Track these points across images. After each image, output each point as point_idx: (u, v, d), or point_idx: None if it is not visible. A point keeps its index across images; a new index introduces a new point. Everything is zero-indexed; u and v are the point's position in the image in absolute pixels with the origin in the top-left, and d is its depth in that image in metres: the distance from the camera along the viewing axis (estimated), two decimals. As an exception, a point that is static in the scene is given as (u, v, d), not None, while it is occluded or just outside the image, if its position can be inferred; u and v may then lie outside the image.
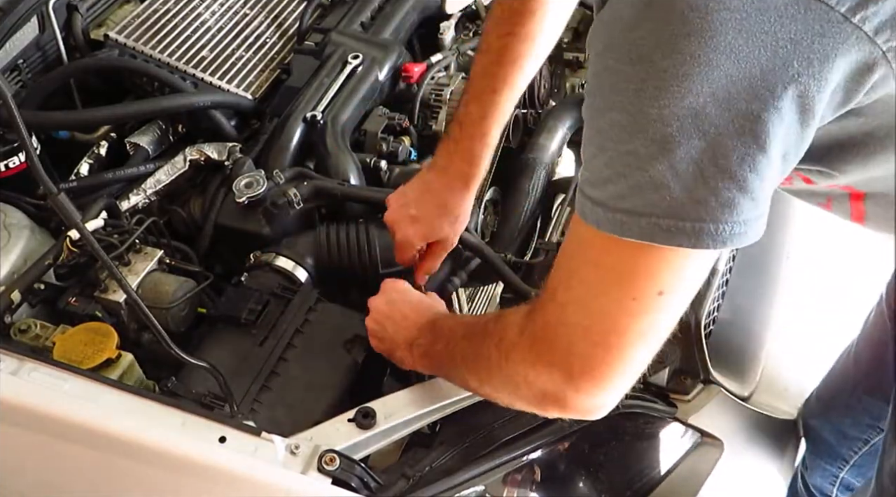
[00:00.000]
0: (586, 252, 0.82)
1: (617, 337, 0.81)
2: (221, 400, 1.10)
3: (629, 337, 0.81)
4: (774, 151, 0.71)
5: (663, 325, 0.82)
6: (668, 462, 1.20)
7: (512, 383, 0.92)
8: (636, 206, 0.74)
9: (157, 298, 1.24)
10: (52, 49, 1.60)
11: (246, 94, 1.60)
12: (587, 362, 0.83)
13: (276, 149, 1.49)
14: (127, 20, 1.65)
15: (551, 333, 0.85)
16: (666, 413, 1.22)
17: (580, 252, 0.83)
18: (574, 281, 0.83)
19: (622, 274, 0.79)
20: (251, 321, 1.23)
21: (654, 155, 0.71)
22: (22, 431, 1.05)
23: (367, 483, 0.99)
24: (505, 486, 1.14)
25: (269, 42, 1.72)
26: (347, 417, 1.07)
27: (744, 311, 1.50)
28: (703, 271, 0.80)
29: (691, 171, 0.71)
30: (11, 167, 1.37)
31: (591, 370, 0.83)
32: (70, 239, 1.21)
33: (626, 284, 0.79)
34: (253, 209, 1.36)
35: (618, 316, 0.80)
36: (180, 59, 1.61)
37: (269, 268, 1.33)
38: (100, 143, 1.52)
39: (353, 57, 1.62)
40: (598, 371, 0.83)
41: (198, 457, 0.99)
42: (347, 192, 1.39)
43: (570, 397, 0.85)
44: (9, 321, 1.18)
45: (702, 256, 0.77)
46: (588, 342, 0.82)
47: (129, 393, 1.05)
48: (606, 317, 0.81)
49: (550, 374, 0.86)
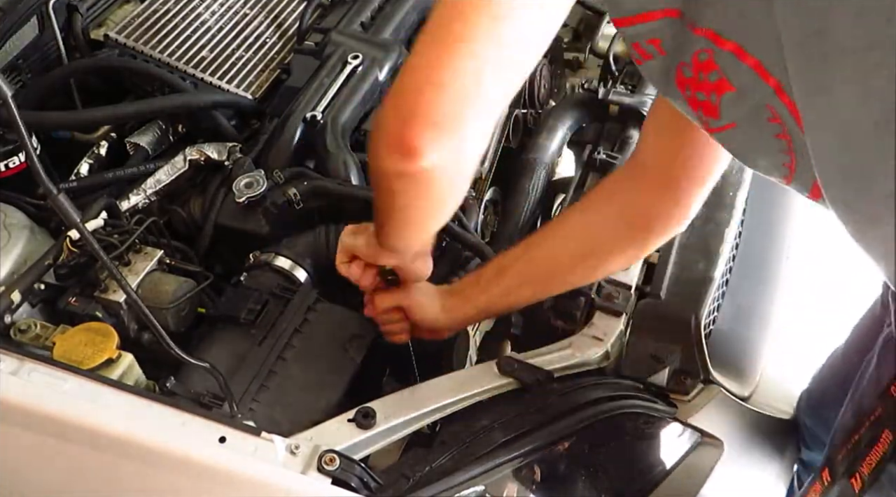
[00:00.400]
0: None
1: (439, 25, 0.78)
2: (220, 399, 1.10)
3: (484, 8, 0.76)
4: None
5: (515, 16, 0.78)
6: (668, 462, 1.20)
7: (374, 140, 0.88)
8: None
9: (157, 298, 1.24)
10: (52, 49, 1.60)
11: (246, 94, 1.60)
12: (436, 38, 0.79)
13: (276, 149, 1.49)
14: (127, 20, 1.65)
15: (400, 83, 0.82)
16: (666, 413, 1.22)
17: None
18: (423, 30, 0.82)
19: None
20: (250, 321, 1.23)
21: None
22: (22, 431, 1.05)
23: (367, 483, 0.99)
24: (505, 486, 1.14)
25: (269, 42, 1.73)
26: (347, 417, 1.07)
27: (744, 311, 1.50)
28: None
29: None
30: (11, 167, 1.38)
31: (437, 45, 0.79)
32: (70, 239, 1.22)
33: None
34: (253, 209, 1.36)
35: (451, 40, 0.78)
36: (180, 59, 1.61)
37: (268, 268, 1.33)
38: (100, 143, 1.53)
39: (353, 57, 1.62)
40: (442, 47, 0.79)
41: (198, 457, 0.99)
42: (347, 192, 1.39)
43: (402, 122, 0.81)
44: (9, 321, 1.18)
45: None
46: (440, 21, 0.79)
47: (129, 393, 1.05)
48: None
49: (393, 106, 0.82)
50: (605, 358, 1.24)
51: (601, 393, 1.18)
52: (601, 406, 1.15)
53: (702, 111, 0.94)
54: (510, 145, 1.72)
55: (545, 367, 1.18)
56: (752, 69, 0.86)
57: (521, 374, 1.16)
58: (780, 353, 1.63)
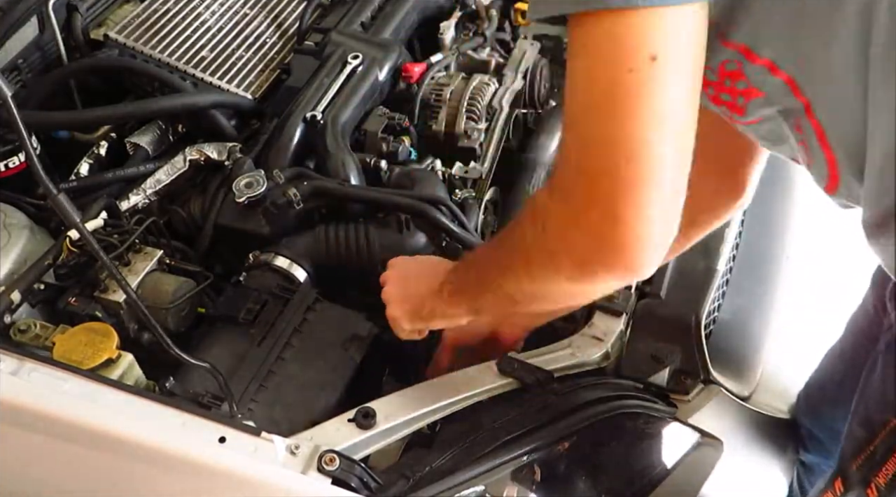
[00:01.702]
0: (574, 69, 0.76)
1: (630, 124, 0.74)
2: (220, 400, 1.10)
3: (642, 121, 0.73)
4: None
5: (673, 102, 0.75)
6: (668, 462, 1.20)
7: (552, 257, 0.85)
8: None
9: (157, 298, 1.24)
10: (52, 49, 1.60)
11: (246, 94, 1.60)
12: (616, 178, 0.74)
13: (276, 149, 1.49)
14: (127, 20, 1.65)
15: (572, 174, 0.78)
16: (666, 413, 1.22)
17: (570, 81, 0.77)
18: (571, 113, 0.78)
19: (607, 53, 0.73)
20: (249, 321, 1.23)
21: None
22: (22, 431, 1.05)
23: (367, 483, 0.99)
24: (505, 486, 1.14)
25: (269, 42, 1.73)
26: (347, 417, 1.07)
27: (744, 311, 1.50)
28: (691, 30, 0.75)
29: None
30: (11, 167, 1.38)
31: (625, 186, 0.75)
32: (70, 239, 1.22)
33: (616, 59, 0.73)
34: (253, 209, 1.36)
35: (621, 98, 0.74)
36: (180, 59, 1.61)
37: (267, 267, 1.33)
38: (100, 143, 1.53)
39: (353, 57, 1.62)
40: (630, 187, 0.74)
41: (198, 457, 0.99)
42: (347, 192, 1.39)
43: (613, 239, 0.77)
44: (9, 321, 1.18)
45: (681, 12, 0.73)
46: (606, 157, 0.75)
47: (129, 393, 1.05)
48: (610, 109, 0.74)
49: (588, 220, 0.78)
50: (605, 358, 1.24)
51: (601, 393, 1.17)
52: (601, 406, 1.15)
53: (726, 108, 0.95)
54: (510, 145, 1.72)
55: (545, 367, 1.18)
56: (784, 83, 0.88)
57: (521, 374, 1.16)
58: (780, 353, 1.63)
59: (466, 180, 1.56)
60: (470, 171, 1.56)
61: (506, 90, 1.70)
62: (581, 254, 0.81)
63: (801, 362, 1.71)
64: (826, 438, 1.57)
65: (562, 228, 0.82)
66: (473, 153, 1.61)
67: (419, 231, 1.38)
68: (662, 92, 0.74)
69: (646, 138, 0.74)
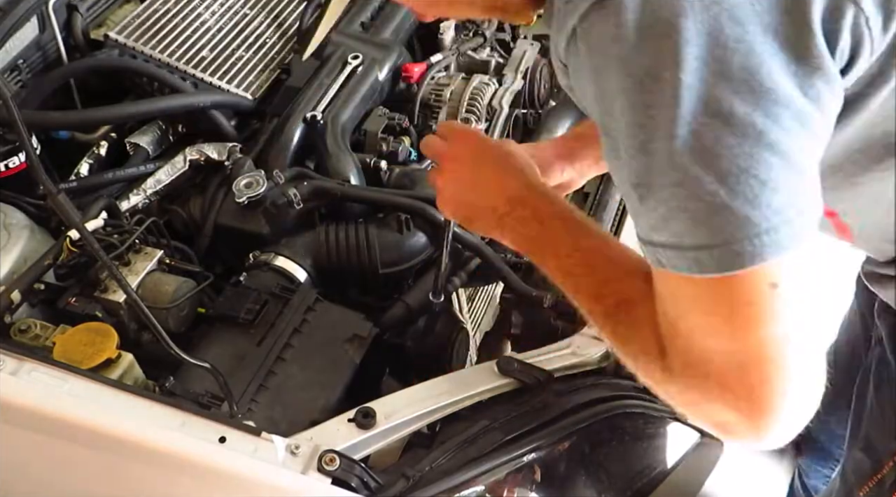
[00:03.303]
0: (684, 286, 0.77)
1: (758, 350, 0.75)
2: (220, 399, 1.10)
3: (768, 346, 0.75)
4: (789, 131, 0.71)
5: (794, 316, 0.76)
6: (668, 462, 1.20)
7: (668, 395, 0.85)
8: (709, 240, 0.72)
9: (157, 298, 1.24)
10: (52, 49, 1.60)
11: (246, 95, 1.60)
12: (748, 391, 0.77)
13: (276, 149, 1.49)
14: (127, 20, 1.65)
15: (698, 368, 0.79)
16: (666, 413, 1.22)
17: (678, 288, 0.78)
18: (687, 311, 0.78)
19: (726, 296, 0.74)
20: (249, 321, 1.23)
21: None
22: (22, 431, 1.05)
23: (367, 483, 0.99)
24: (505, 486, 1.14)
25: (269, 42, 1.72)
26: (347, 417, 1.06)
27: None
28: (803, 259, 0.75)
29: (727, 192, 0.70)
30: (11, 167, 1.37)
31: (756, 399, 0.76)
32: (70, 239, 1.21)
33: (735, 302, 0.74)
34: (253, 209, 1.36)
35: (747, 331, 0.75)
36: (180, 59, 1.61)
37: (268, 267, 1.33)
38: (100, 143, 1.52)
39: (353, 57, 1.62)
40: (763, 398, 0.76)
41: (198, 457, 0.99)
42: (347, 192, 1.39)
43: (747, 432, 0.79)
44: (9, 321, 1.18)
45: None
46: (736, 369, 0.76)
47: (129, 393, 1.05)
48: (738, 336, 0.75)
49: (721, 412, 0.79)
50: (605, 358, 1.24)
51: (601, 393, 1.17)
52: (601, 406, 1.15)
53: None
54: (510, 145, 1.71)
55: (545, 367, 1.18)
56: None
57: (521, 374, 1.16)
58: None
59: (466, 180, 1.55)
60: (470, 171, 1.56)
61: (506, 90, 1.70)
62: (714, 421, 0.82)
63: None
64: (825, 440, 1.57)
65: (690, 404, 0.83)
66: (473, 153, 1.60)
67: (419, 231, 1.38)
68: (782, 314, 0.75)
69: (779, 363, 0.76)
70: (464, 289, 1.46)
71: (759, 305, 0.74)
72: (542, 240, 0.96)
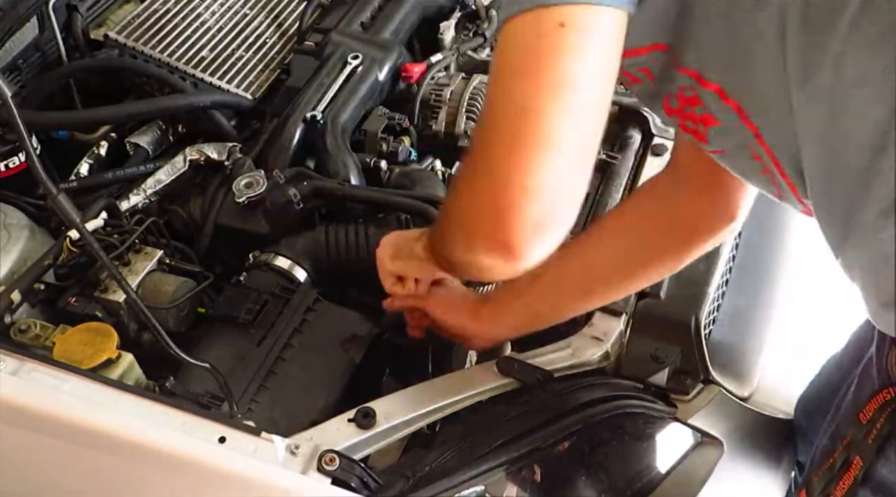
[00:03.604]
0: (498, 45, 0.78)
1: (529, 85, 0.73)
2: (219, 399, 1.10)
3: (539, 84, 0.73)
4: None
5: (575, 72, 0.73)
6: (668, 462, 1.20)
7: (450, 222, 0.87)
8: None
9: (157, 298, 1.24)
10: (52, 49, 1.60)
11: (246, 94, 1.60)
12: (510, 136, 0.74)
13: (276, 149, 1.49)
14: (127, 20, 1.65)
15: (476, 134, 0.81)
16: (666, 413, 1.22)
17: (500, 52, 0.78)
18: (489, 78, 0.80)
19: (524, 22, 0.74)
20: (249, 321, 1.23)
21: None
22: (22, 431, 1.05)
23: (367, 483, 0.99)
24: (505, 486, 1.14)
25: (269, 42, 1.73)
26: (347, 417, 1.07)
27: (744, 311, 1.50)
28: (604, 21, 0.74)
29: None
30: (11, 167, 1.38)
31: (516, 145, 0.74)
32: (70, 239, 1.21)
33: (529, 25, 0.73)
34: (253, 209, 1.36)
35: (527, 60, 0.74)
36: (180, 59, 1.61)
37: (268, 267, 1.33)
38: (100, 143, 1.53)
39: (353, 57, 1.62)
40: (520, 147, 0.74)
41: (198, 457, 0.99)
42: (347, 192, 1.39)
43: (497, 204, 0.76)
44: (9, 321, 1.18)
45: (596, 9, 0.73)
46: (503, 115, 0.75)
47: (129, 393, 1.05)
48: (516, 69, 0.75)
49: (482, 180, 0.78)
50: (605, 358, 1.24)
51: (601, 393, 1.18)
52: (601, 406, 1.15)
53: (693, 137, 0.96)
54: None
55: (545, 367, 1.18)
56: (733, 110, 0.88)
57: (521, 374, 1.16)
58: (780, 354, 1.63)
59: (466, 180, 1.55)
60: (470, 171, 1.56)
61: (506, 90, 1.70)
62: (470, 221, 0.81)
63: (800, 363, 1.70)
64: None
65: (461, 190, 0.82)
66: (473, 153, 1.60)
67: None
68: (566, 59, 0.73)
69: (542, 101, 0.73)
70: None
71: (546, 38, 0.72)
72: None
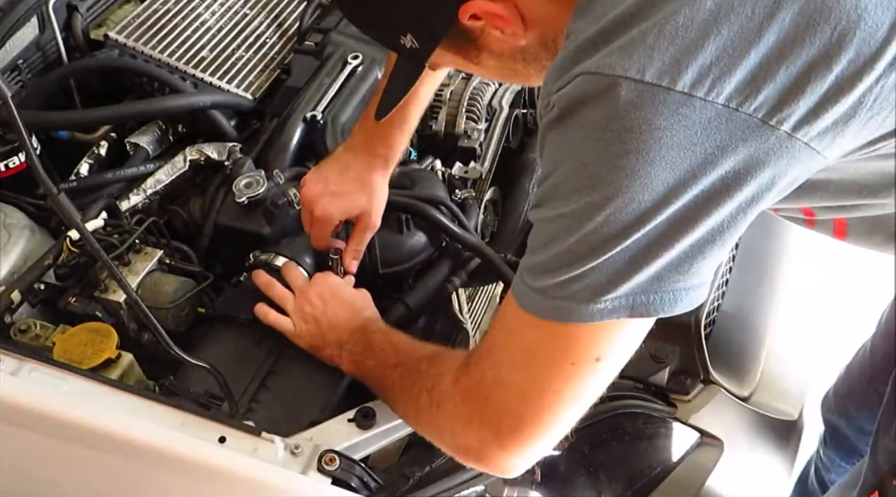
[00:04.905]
0: (524, 326, 0.85)
1: (551, 398, 0.85)
2: (219, 399, 1.10)
3: (562, 399, 0.85)
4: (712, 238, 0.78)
5: (596, 388, 0.85)
6: (668, 462, 1.21)
7: (437, 431, 0.97)
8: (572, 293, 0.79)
9: (157, 298, 1.24)
10: (52, 49, 1.60)
11: (246, 94, 1.60)
12: (517, 422, 0.86)
13: (276, 149, 1.49)
14: (127, 20, 1.65)
15: (485, 391, 0.88)
16: (666, 413, 1.22)
17: (518, 322, 0.86)
18: (513, 343, 0.87)
19: (561, 345, 0.83)
20: (249, 321, 1.23)
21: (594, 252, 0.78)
22: (22, 431, 1.05)
23: (367, 483, 0.99)
24: (505, 486, 1.14)
25: (269, 42, 1.72)
26: (347, 417, 1.07)
27: (744, 311, 1.51)
28: (638, 336, 0.84)
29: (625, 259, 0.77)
30: (11, 167, 1.37)
31: (520, 430, 0.86)
32: (70, 239, 1.21)
33: (565, 352, 0.83)
34: (253, 209, 1.36)
35: (554, 379, 0.84)
36: (180, 59, 1.61)
37: (268, 267, 1.33)
38: (100, 143, 1.52)
39: (353, 57, 1.62)
40: (526, 431, 0.86)
41: (197, 457, 0.99)
42: (347, 192, 1.39)
43: (494, 455, 0.89)
44: (9, 321, 1.18)
45: (637, 324, 0.81)
46: (522, 402, 0.85)
47: (129, 393, 1.05)
48: (543, 379, 0.84)
49: (479, 432, 0.89)
50: (605, 358, 1.24)
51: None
52: (601, 406, 1.15)
53: None
54: (510, 145, 1.71)
55: (545, 367, 1.18)
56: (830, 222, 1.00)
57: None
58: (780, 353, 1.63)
59: (466, 180, 1.56)
60: (470, 171, 1.56)
61: (506, 90, 1.70)
62: (462, 444, 0.93)
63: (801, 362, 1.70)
64: (853, 436, 1.57)
65: (454, 420, 0.92)
66: (473, 153, 1.61)
67: (419, 231, 1.38)
68: (591, 383, 0.84)
69: (558, 414, 0.86)
70: (464, 289, 1.46)
71: (578, 367, 0.83)
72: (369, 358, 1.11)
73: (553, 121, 0.79)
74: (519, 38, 0.90)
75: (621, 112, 0.73)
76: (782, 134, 0.74)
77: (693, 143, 0.73)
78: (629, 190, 0.74)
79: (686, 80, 0.72)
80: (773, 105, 0.73)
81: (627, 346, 0.84)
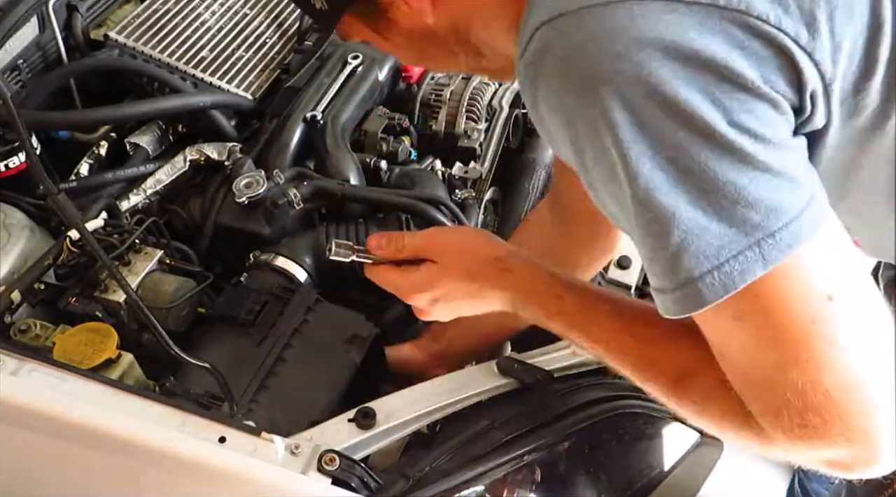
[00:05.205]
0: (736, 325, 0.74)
1: (829, 369, 0.72)
2: (219, 400, 1.10)
3: (840, 361, 0.72)
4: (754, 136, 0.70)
5: (858, 324, 0.73)
6: (668, 462, 1.20)
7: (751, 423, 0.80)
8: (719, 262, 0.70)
9: (157, 298, 1.24)
10: (52, 49, 1.60)
11: (246, 94, 1.60)
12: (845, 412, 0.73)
13: (276, 149, 1.49)
14: (127, 20, 1.65)
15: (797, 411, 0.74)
16: (666, 413, 1.22)
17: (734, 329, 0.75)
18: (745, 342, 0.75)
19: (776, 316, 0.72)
20: (249, 321, 1.23)
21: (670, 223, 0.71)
22: (22, 431, 1.05)
23: (367, 483, 0.99)
24: (505, 486, 1.14)
25: (269, 42, 1.72)
26: (347, 417, 1.07)
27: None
28: (838, 248, 0.73)
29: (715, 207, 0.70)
30: (11, 167, 1.37)
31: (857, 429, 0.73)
32: (70, 239, 1.21)
33: (794, 316, 0.71)
34: (253, 209, 1.36)
35: (817, 350, 0.72)
36: (180, 59, 1.61)
37: (268, 268, 1.33)
38: (100, 143, 1.52)
39: (353, 57, 1.62)
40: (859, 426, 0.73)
41: (198, 457, 0.99)
42: (347, 192, 1.39)
43: (864, 458, 0.76)
44: (9, 321, 1.18)
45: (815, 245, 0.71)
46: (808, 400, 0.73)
47: (129, 393, 1.05)
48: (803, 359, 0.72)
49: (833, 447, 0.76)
50: (605, 358, 1.24)
51: (601, 393, 1.17)
52: (601, 406, 1.15)
53: None
54: (510, 145, 1.72)
55: (545, 367, 1.18)
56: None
57: (521, 374, 1.16)
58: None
59: (466, 180, 1.56)
60: (470, 171, 1.56)
61: (506, 90, 1.71)
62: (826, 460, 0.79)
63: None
64: None
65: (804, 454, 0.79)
66: (473, 153, 1.61)
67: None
68: (850, 324, 0.72)
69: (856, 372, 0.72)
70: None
71: (820, 319, 0.71)
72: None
73: (529, 82, 0.76)
74: (426, 14, 0.86)
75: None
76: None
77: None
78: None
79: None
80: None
81: (839, 262, 0.73)
